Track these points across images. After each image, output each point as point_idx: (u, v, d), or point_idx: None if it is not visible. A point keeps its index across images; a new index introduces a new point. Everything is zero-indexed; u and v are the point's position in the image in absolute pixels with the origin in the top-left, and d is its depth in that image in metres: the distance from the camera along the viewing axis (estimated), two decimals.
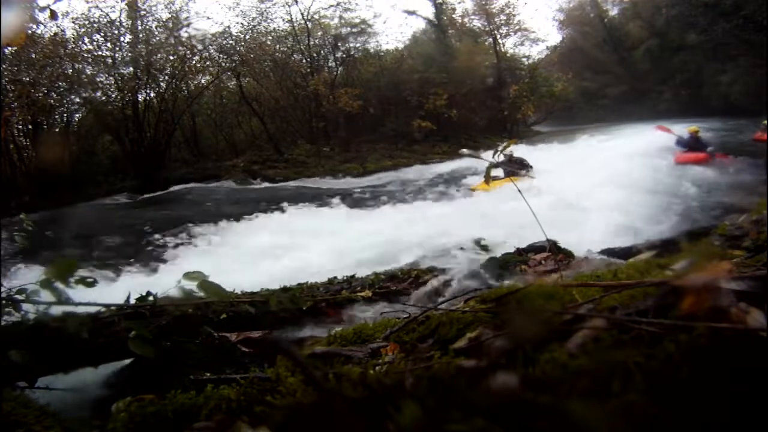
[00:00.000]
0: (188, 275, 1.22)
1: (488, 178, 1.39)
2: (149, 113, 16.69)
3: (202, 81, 18.16)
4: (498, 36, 22.58)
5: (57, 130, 16.17)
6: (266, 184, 15.31)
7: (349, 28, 20.00)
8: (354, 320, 1.91)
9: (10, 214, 9.18)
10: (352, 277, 2.54)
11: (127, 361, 1.59)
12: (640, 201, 6.77)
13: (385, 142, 19.00)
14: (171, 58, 16.27)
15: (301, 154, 17.78)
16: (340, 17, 19.88)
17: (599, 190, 7.37)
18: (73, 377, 1.50)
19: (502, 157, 7.75)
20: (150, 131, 16.54)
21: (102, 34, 15.60)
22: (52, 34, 14.38)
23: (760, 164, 8.94)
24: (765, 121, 11.60)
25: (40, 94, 14.18)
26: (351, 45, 20.22)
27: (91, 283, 1.28)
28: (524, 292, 0.98)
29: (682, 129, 10.53)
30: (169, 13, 16.45)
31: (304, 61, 19.64)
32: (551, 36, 35.42)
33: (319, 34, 19.97)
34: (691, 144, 9.93)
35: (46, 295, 1.22)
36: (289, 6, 19.26)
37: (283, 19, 19.51)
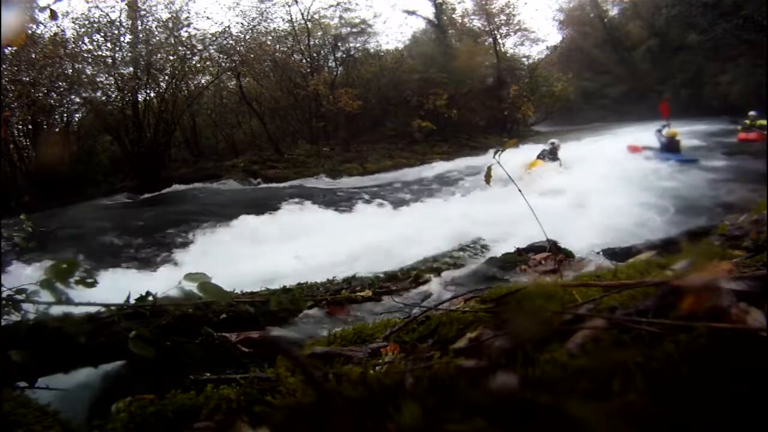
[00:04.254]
0: (189, 276, 1.22)
1: (488, 178, 1.40)
2: (149, 113, 16.68)
3: (202, 81, 18.14)
4: (498, 36, 22.56)
5: (57, 130, 16.15)
6: (266, 184, 15.32)
7: (349, 28, 20.00)
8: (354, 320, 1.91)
9: (10, 214, 9.18)
10: (352, 277, 2.55)
11: (127, 361, 1.59)
12: (639, 201, 6.77)
13: (385, 142, 18.99)
14: (171, 58, 16.25)
15: (301, 154, 17.77)
16: (340, 17, 19.89)
17: (599, 189, 7.37)
18: (73, 377, 1.50)
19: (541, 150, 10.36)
20: (150, 131, 16.53)
21: (102, 34, 15.58)
22: (52, 34, 14.37)
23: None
24: (747, 121, 11.81)
25: (40, 94, 14.16)
26: (351, 45, 20.22)
27: (91, 284, 1.28)
28: (524, 292, 0.98)
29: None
30: (169, 13, 16.44)
31: (304, 61, 19.62)
32: (551, 36, 35.35)
33: (319, 34, 19.96)
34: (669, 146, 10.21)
35: (46, 295, 1.22)
36: (289, 6, 19.27)
37: (283, 19, 19.50)
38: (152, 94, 16.87)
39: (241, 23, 17.79)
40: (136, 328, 1.25)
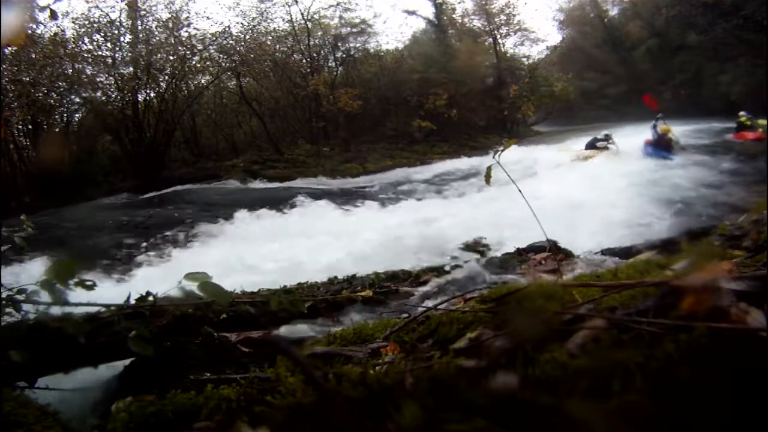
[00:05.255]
0: (190, 276, 1.22)
1: (488, 178, 1.39)
2: (149, 113, 16.69)
3: (202, 81, 18.17)
4: (498, 36, 22.59)
5: (57, 130, 16.16)
6: (266, 184, 15.32)
7: (349, 28, 20.03)
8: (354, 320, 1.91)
9: (10, 214, 9.18)
10: (353, 276, 2.54)
11: (127, 361, 1.59)
12: (639, 200, 6.77)
13: (385, 142, 19.01)
14: (171, 58, 16.27)
15: (301, 154, 17.78)
16: (340, 17, 19.93)
17: (598, 189, 7.38)
18: (73, 377, 1.50)
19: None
20: (150, 131, 16.54)
21: (102, 34, 15.60)
22: (52, 34, 14.39)
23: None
24: (742, 120, 11.84)
25: (40, 94, 14.17)
26: (351, 45, 20.26)
27: (90, 287, 1.28)
28: (524, 292, 0.98)
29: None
30: (169, 13, 16.46)
31: (304, 61, 19.64)
32: (551, 36, 35.39)
33: (319, 34, 19.98)
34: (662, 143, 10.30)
35: (46, 296, 1.22)
36: (289, 6, 19.30)
37: (283, 19, 19.54)
38: (152, 94, 16.91)
39: (241, 23, 17.84)
40: (136, 327, 1.25)
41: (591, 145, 11.99)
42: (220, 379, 0.97)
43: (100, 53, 15.57)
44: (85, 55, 15.23)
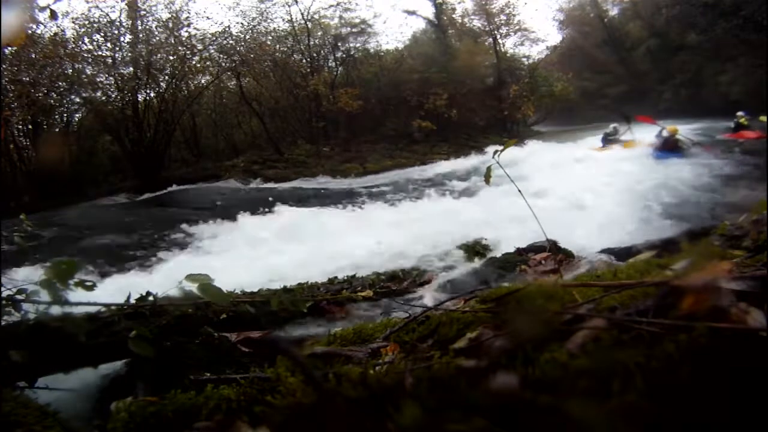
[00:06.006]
0: (191, 277, 1.22)
1: (488, 178, 1.39)
2: (149, 113, 16.69)
3: (202, 81, 18.19)
4: (498, 36, 22.59)
5: (57, 130, 16.17)
6: (266, 184, 15.32)
7: (349, 28, 20.06)
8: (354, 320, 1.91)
9: (10, 214, 9.18)
10: (353, 277, 2.54)
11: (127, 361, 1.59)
12: (638, 201, 6.77)
13: (385, 142, 19.02)
14: (171, 58, 16.28)
15: (301, 154, 17.79)
16: (340, 17, 19.95)
17: (598, 189, 7.38)
18: (73, 377, 1.50)
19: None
20: (150, 131, 16.55)
21: (102, 34, 15.61)
22: (52, 34, 14.40)
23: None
24: (742, 120, 11.86)
25: (40, 94, 14.18)
26: (351, 45, 20.29)
27: (90, 287, 1.28)
28: (524, 292, 0.97)
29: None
30: (169, 13, 16.47)
31: (304, 61, 19.65)
32: (551, 36, 35.37)
33: (319, 34, 20.01)
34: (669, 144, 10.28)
35: (46, 295, 1.22)
36: (289, 6, 19.32)
37: (283, 19, 19.56)
38: (152, 94, 16.92)
39: (241, 23, 17.86)
40: (136, 328, 1.25)
41: (606, 140, 12.04)
42: (220, 379, 0.96)
43: (100, 53, 15.60)
44: (85, 55, 15.24)
